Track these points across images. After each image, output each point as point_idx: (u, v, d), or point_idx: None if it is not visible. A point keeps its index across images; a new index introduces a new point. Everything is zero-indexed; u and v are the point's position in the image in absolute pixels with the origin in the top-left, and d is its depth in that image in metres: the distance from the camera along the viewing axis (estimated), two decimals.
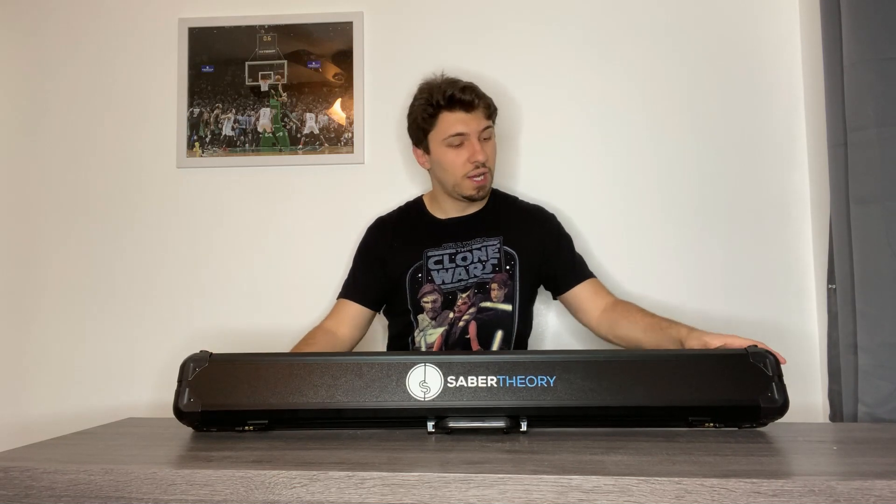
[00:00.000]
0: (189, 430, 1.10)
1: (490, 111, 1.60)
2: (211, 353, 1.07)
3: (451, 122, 1.57)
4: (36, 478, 0.84)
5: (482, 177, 1.58)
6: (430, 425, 1.03)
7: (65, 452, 0.95)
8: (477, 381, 1.03)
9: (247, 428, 1.06)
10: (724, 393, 1.02)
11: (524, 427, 1.03)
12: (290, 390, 1.03)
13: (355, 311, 1.65)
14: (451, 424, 1.01)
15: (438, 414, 1.02)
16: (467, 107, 1.56)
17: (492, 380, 1.03)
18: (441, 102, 1.56)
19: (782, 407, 1.03)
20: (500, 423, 1.01)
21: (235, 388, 1.04)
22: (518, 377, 1.03)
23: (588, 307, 1.62)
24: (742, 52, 1.91)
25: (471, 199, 1.62)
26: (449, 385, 1.02)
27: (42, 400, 1.97)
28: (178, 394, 1.04)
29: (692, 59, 1.92)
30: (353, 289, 1.67)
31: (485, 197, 1.64)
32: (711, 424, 1.06)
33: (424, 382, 1.03)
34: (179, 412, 1.04)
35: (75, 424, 1.34)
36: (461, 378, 1.03)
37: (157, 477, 0.82)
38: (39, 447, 0.99)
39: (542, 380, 1.03)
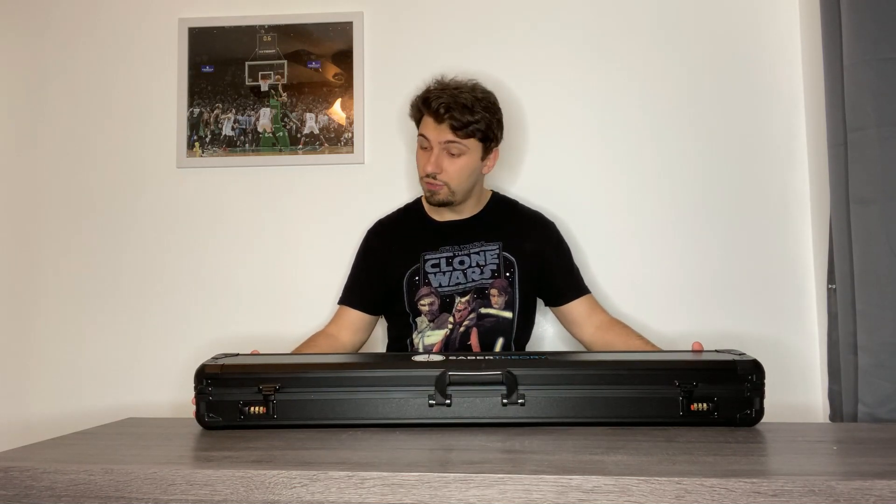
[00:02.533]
0: (189, 430, 1.11)
1: (464, 131, 1.53)
2: (238, 353, 1.26)
3: (424, 123, 1.59)
4: (36, 478, 0.84)
5: (435, 186, 1.57)
6: (429, 395, 1.07)
7: (65, 452, 0.95)
8: (476, 355, 1.18)
9: (252, 409, 1.09)
10: (704, 360, 1.16)
11: (522, 398, 1.07)
12: (300, 359, 1.24)
13: (355, 317, 1.66)
14: (452, 373, 1.08)
15: (440, 377, 1.08)
16: (435, 116, 1.55)
17: (489, 356, 1.19)
18: (420, 104, 1.59)
19: (756, 368, 1.10)
20: (498, 372, 1.08)
21: (253, 360, 1.19)
22: (513, 355, 1.19)
23: (582, 322, 1.65)
24: (742, 52, 1.91)
25: (427, 201, 1.63)
26: (451, 358, 1.15)
27: (42, 400, 1.97)
28: (205, 362, 1.15)
29: (692, 60, 1.92)
30: (353, 295, 1.68)
31: (440, 205, 1.61)
32: (704, 405, 1.08)
33: (427, 356, 1.16)
34: (202, 373, 1.11)
35: (75, 424, 1.34)
36: (461, 354, 1.19)
37: (157, 477, 0.82)
38: (39, 447, 0.99)
39: (534, 356, 1.18)
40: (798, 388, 1.81)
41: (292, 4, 2.00)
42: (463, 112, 1.53)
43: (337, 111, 1.97)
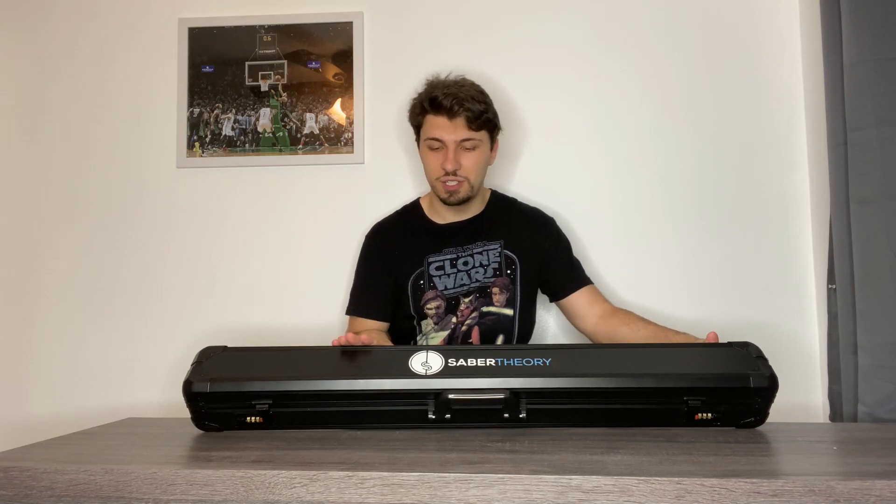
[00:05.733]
0: (189, 430, 1.11)
1: (477, 123, 1.54)
2: (226, 346, 1.14)
3: (432, 125, 1.57)
4: (36, 478, 0.84)
5: (455, 183, 1.56)
6: (431, 412, 1.05)
7: (65, 452, 0.95)
8: (477, 361, 1.08)
9: (249, 419, 1.07)
10: (715, 373, 1.07)
11: (523, 412, 1.04)
12: (293, 373, 1.08)
13: (370, 326, 1.61)
14: (452, 396, 1.03)
15: (439, 392, 1.04)
16: (448, 113, 1.53)
17: (491, 361, 1.08)
18: (426, 105, 1.57)
19: (771, 384, 1.04)
20: (500, 395, 1.03)
21: (243, 372, 1.09)
22: (516, 359, 1.08)
23: (585, 313, 1.64)
24: (742, 52, 1.91)
25: (444, 203, 1.60)
26: (450, 364, 1.07)
27: (42, 400, 1.97)
28: (190, 374, 1.07)
29: (692, 60, 1.92)
30: (362, 303, 1.64)
31: (460, 203, 1.60)
32: (709, 414, 1.06)
33: (426, 362, 1.07)
34: (189, 392, 1.05)
35: (75, 424, 1.34)
36: (461, 359, 1.08)
37: (157, 477, 0.82)
38: (39, 447, 0.99)
39: (538, 361, 1.08)
40: (798, 388, 1.81)
41: (292, 4, 2.00)
42: (474, 103, 1.54)
43: (337, 111, 1.97)
